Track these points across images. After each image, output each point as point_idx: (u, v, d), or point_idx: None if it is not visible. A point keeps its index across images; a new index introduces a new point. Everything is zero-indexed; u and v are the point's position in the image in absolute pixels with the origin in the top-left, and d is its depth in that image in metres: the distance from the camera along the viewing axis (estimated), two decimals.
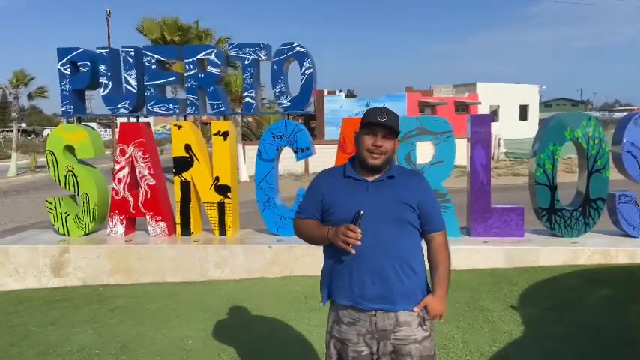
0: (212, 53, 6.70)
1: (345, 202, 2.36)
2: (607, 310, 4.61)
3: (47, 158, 6.92)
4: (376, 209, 2.31)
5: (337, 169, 2.51)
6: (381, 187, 2.38)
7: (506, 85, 33.73)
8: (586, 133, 6.21)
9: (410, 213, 2.38)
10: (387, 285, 2.32)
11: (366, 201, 2.33)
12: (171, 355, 4.18)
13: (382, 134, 2.34)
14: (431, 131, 6.47)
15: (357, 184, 2.40)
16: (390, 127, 2.34)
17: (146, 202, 6.81)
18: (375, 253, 2.31)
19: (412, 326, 2.36)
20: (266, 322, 4.77)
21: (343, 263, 2.36)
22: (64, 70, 6.81)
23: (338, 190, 2.42)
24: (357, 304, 2.35)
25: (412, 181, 2.45)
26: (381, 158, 2.35)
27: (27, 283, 6.44)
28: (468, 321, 4.47)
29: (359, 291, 2.34)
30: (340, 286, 2.39)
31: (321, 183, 2.50)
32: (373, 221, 2.29)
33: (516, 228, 6.40)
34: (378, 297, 2.33)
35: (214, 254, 6.36)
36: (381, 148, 2.34)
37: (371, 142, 2.35)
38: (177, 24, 18.62)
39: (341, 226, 2.28)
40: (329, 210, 2.42)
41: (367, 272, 2.33)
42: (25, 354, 4.35)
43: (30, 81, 24.38)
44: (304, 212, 2.51)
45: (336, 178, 2.46)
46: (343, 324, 2.40)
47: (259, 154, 6.72)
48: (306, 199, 2.54)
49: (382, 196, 2.36)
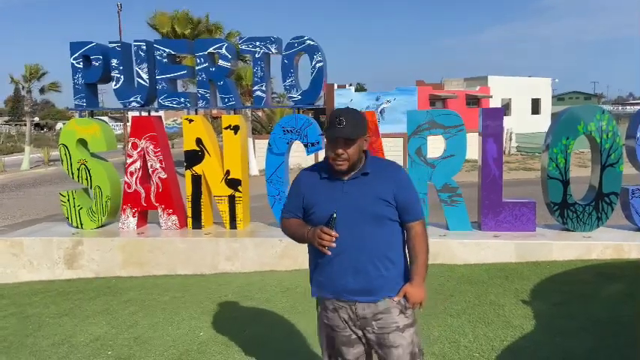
0: (223, 47, 6.71)
1: (324, 202, 2.44)
2: (620, 305, 4.57)
3: (60, 152, 6.99)
4: (352, 208, 2.39)
5: (316, 167, 2.57)
6: (355, 184, 2.43)
7: (518, 79, 33.41)
8: (600, 127, 6.14)
9: (386, 207, 2.43)
10: (367, 280, 2.41)
11: (342, 200, 2.41)
12: (183, 345, 4.22)
13: (343, 141, 2.36)
14: (442, 125, 6.43)
15: (332, 183, 2.46)
16: (347, 137, 2.34)
17: (158, 195, 6.86)
18: (354, 250, 2.39)
19: (392, 314, 2.45)
20: (276, 315, 4.80)
21: (325, 261, 2.44)
22: (77, 64, 6.85)
23: (316, 189, 2.49)
24: (339, 297, 2.46)
25: (387, 173, 2.49)
26: (345, 164, 2.40)
27: (41, 274, 6.52)
28: (479, 315, 4.46)
29: (341, 286, 2.44)
30: (323, 281, 2.49)
31: (301, 183, 2.57)
32: (350, 219, 2.37)
33: (528, 222, 6.35)
34: (360, 291, 2.43)
35: (225, 247, 6.39)
36: (343, 155, 2.37)
37: (333, 152, 2.38)
38: (188, 17, 18.66)
39: (317, 228, 2.36)
40: (310, 209, 2.50)
41: (348, 269, 2.41)
42: (39, 344, 4.42)
43: (42, 76, 24.56)
44: (288, 212, 2.60)
45: (315, 178, 2.52)
46: (329, 311, 2.52)
47: (270, 147, 6.73)
48: (290, 198, 2.61)
49: (357, 194, 2.42)
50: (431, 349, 3.86)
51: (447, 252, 6.07)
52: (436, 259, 5.85)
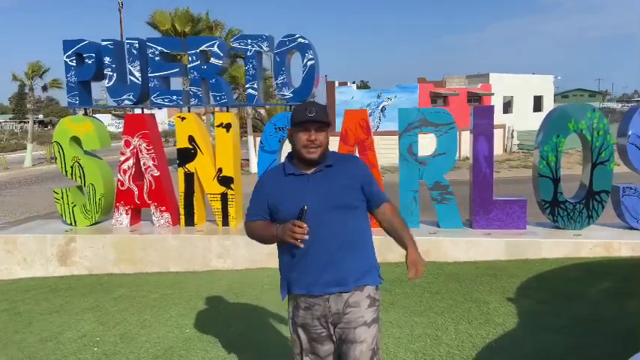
0: (215, 45, 6.72)
1: (290, 199, 2.46)
2: (605, 303, 4.58)
3: (54, 149, 7.04)
4: (319, 199, 2.42)
5: (277, 169, 2.61)
6: (320, 177, 2.48)
7: (520, 76, 33.21)
8: (590, 125, 6.13)
9: (353, 195, 2.49)
10: (339, 269, 2.44)
11: (309, 194, 2.44)
12: (168, 342, 4.25)
13: (315, 128, 2.44)
14: (433, 123, 6.43)
15: (298, 179, 2.49)
16: (321, 121, 2.44)
17: (151, 192, 6.90)
18: (324, 241, 2.42)
19: (361, 307, 2.46)
20: (264, 312, 4.82)
21: (296, 256, 2.46)
22: (70, 62, 6.89)
23: (281, 188, 2.51)
24: (310, 292, 2.46)
25: (349, 164, 2.57)
26: (318, 151, 2.45)
27: (34, 271, 6.58)
28: (463, 312, 4.47)
29: (313, 280, 2.44)
30: (296, 277, 2.50)
31: (265, 184, 2.60)
32: (318, 211, 2.39)
33: (519, 220, 6.36)
34: (332, 282, 2.44)
35: (217, 245, 6.43)
36: (316, 141, 2.44)
37: (305, 138, 2.44)
38: (188, 15, 18.67)
39: (287, 223, 2.37)
40: (276, 209, 2.51)
41: (319, 260, 2.43)
42: (27, 340, 4.46)
43: (45, 73, 24.62)
44: (252, 215, 2.61)
45: (278, 178, 2.55)
46: (301, 309, 2.52)
47: (262, 145, 6.75)
48: (253, 202, 2.62)
49: (323, 186, 2.47)
50: (412, 346, 3.88)
51: (437, 250, 6.08)
52: (426, 256, 5.73)
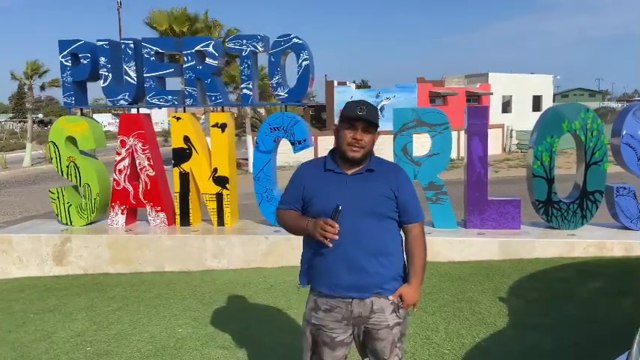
0: (210, 45, 6.73)
1: (325, 195, 2.42)
2: (596, 302, 4.60)
3: (50, 149, 7.05)
4: (354, 202, 2.37)
5: (318, 161, 2.56)
6: (359, 180, 2.44)
7: (519, 76, 33.23)
8: (584, 125, 6.15)
9: (388, 205, 2.44)
10: (362, 276, 2.40)
11: (344, 194, 2.39)
12: (160, 342, 4.27)
13: (362, 128, 2.40)
14: (428, 123, 6.44)
15: (336, 176, 2.45)
16: (369, 121, 2.39)
17: (146, 192, 6.91)
18: (352, 245, 2.37)
19: (385, 313, 2.44)
20: (257, 311, 4.85)
21: (321, 254, 2.42)
22: (65, 62, 6.90)
23: (318, 182, 2.47)
24: (333, 293, 2.43)
25: (391, 173, 2.51)
26: (361, 152, 2.41)
27: (30, 271, 6.59)
28: (454, 312, 4.49)
29: (336, 280, 2.41)
30: (318, 275, 2.47)
31: (303, 174, 2.55)
32: (351, 214, 2.35)
33: (513, 220, 6.37)
34: (354, 286, 2.40)
35: (212, 245, 6.44)
36: (361, 141, 2.40)
37: (351, 136, 2.40)
38: (186, 15, 18.67)
39: (319, 219, 2.33)
40: (309, 201, 2.47)
41: (344, 263, 2.39)
42: (21, 340, 4.48)
43: (44, 73, 24.64)
44: (286, 203, 2.58)
45: (317, 170, 2.51)
46: (320, 311, 2.47)
47: (257, 145, 6.76)
48: (288, 190, 2.59)
49: (361, 190, 2.42)
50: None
51: (431, 250, 5.99)
52: None
